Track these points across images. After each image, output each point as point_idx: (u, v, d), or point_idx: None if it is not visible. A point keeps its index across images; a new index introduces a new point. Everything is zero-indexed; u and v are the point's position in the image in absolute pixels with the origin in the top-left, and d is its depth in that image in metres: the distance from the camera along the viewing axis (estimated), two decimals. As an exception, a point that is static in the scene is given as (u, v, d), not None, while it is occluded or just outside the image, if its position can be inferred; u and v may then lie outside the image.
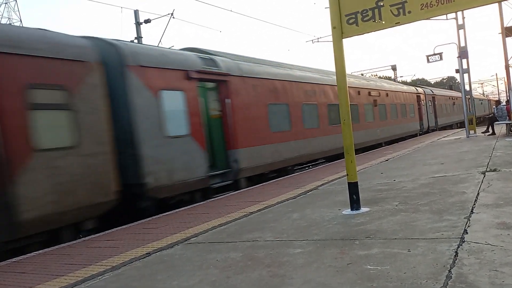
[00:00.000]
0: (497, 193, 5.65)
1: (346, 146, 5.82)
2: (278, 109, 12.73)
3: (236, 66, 11.43)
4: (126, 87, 8.28)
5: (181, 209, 8.26)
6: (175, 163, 8.96)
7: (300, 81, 14.13)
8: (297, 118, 13.61)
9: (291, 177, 11.82)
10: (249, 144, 11.29)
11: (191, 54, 10.29)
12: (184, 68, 9.56)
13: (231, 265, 4.06)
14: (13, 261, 5.56)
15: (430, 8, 5.06)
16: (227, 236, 5.33)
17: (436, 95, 33.55)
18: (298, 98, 13.83)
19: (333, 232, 4.80)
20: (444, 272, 3.09)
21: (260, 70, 12.47)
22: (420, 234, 4.19)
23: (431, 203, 5.57)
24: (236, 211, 6.95)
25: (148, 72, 8.70)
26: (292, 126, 13.34)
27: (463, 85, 18.95)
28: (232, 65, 11.27)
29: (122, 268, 4.47)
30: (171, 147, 8.95)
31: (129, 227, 7.05)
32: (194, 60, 10.04)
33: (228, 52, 12.48)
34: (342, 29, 5.68)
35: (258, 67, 12.55)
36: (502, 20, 15.24)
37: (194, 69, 9.81)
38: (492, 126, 17.96)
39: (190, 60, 9.94)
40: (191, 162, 9.39)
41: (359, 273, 3.34)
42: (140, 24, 20.72)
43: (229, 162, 10.78)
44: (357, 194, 5.77)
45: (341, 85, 5.76)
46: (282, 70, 13.61)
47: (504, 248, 3.44)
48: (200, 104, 10.06)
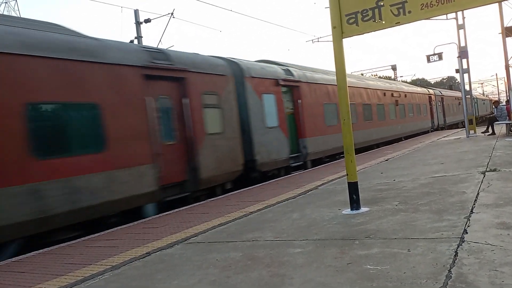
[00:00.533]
0: (497, 193, 5.65)
1: (346, 146, 5.81)
2: (330, 108, 16.12)
3: (303, 74, 14.92)
4: (244, 92, 11.77)
5: (180, 209, 8.27)
6: (271, 147, 12.43)
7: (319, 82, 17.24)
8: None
9: (290, 177, 11.83)
10: (313, 135, 14.70)
11: (277, 67, 13.84)
12: (274, 77, 13.15)
13: (231, 264, 4.06)
14: (13, 261, 5.56)
15: (430, 8, 5.06)
16: (227, 235, 5.33)
17: (444, 96, 35.96)
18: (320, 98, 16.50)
19: (333, 232, 4.80)
20: (444, 272, 3.08)
21: (318, 77, 15.88)
22: (420, 234, 4.19)
23: (431, 203, 5.57)
24: (236, 211, 6.95)
25: (255, 81, 12.23)
26: (338, 121, 15.20)
27: (463, 85, 18.95)
28: (300, 73, 14.74)
29: (122, 267, 4.47)
30: (269, 135, 12.40)
31: (129, 226, 7.05)
32: (280, 72, 13.66)
33: (294, 64, 15.87)
34: (342, 29, 5.68)
35: (316, 75, 16.00)
36: (502, 20, 15.25)
37: (281, 78, 13.42)
38: (492, 126, 17.97)
39: (278, 71, 13.57)
40: (280, 147, 12.91)
41: (359, 273, 3.34)
42: (140, 24, 20.74)
43: (300, 148, 14.17)
44: (357, 194, 5.77)
45: (341, 85, 5.76)
46: (331, 76, 16.23)
47: (504, 248, 3.44)
48: (283, 104, 13.48)
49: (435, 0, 5.02)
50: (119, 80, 8.12)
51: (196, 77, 9.91)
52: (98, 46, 8.00)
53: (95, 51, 7.82)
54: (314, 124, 14.81)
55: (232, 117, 11.03)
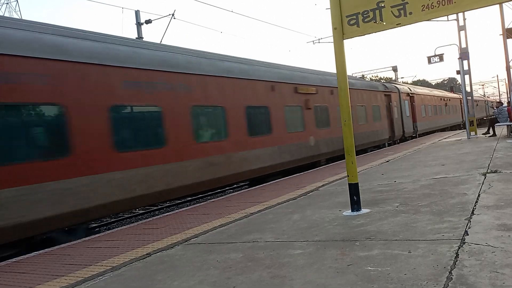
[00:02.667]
0: (498, 195, 5.65)
1: (346, 147, 5.81)
2: (424, 107, 30.17)
3: (414, 89, 29.20)
4: (400, 100, 24.66)
5: (181, 210, 8.27)
6: (408, 126, 25.74)
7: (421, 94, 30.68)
8: (426, 111, 30.83)
9: (291, 178, 11.82)
10: (420, 120, 28.55)
11: (406, 86, 28.94)
12: (406, 92, 26.35)
13: (232, 266, 4.06)
14: (13, 261, 5.56)
15: (431, 9, 5.06)
16: (228, 236, 5.32)
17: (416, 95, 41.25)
18: (422, 102, 30.05)
19: (333, 233, 4.79)
20: (444, 274, 3.08)
21: (419, 90, 30.67)
22: (420, 235, 4.19)
23: (431, 204, 5.57)
24: (237, 212, 6.95)
25: (403, 95, 25.36)
26: (433, 113, 32.56)
27: (463, 86, 18.94)
28: (390, 86, 24.32)
29: (122, 268, 4.47)
30: (407, 120, 25.71)
31: (130, 227, 7.05)
32: (407, 89, 27.10)
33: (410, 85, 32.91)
34: (343, 30, 5.68)
35: (418, 89, 31.21)
36: (503, 22, 15.25)
37: (407, 92, 26.74)
38: (493, 127, 17.95)
39: (405, 88, 26.88)
40: (410, 126, 26.24)
41: (359, 274, 3.34)
42: (141, 25, 20.74)
43: (414, 127, 27.19)
44: (358, 195, 5.77)
45: (342, 86, 5.76)
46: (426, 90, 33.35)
47: (505, 250, 3.43)
48: (410, 105, 26.94)
49: (436, 2, 5.02)
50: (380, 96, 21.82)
51: (392, 93, 23.61)
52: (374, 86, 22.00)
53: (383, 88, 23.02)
54: (419, 116, 28.49)
55: (399, 111, 24.25)
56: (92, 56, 7.82)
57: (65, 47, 7.47)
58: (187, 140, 9.53)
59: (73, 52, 7.55)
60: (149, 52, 9.19)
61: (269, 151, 12.39)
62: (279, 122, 13.05)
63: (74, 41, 7.76)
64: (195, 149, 9.71)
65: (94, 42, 8.14)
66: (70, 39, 7.70)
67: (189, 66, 9.96)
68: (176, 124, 9.27)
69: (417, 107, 28.01)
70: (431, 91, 35.68)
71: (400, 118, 24.56)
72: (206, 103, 10.29)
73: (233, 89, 11.30)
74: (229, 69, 11.40)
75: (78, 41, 7.83)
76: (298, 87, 14.33)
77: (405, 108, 25.54)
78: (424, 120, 29.61)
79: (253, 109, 11.90)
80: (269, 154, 12.38)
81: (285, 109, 13.41)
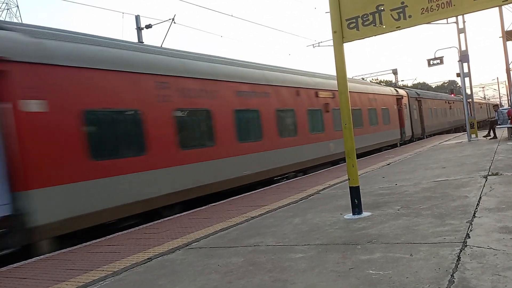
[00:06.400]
0: (499, 197, 5.64)
1: (347, 150, 5.81)
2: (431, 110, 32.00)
3: (422, 94, 30.80)
4: (409, 103, 26.30)
5: (182, 214, 8.26)
6: (416, 126, 27.40)
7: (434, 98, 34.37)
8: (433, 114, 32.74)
9: (292, 181, 11.82)
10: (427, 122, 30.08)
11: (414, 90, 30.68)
12: (415, 96, 28.37)
13: (233, 270, 4.05)
14: (15, 267, 5.56)
15: (430, 12, 5.07)
16: (229, 241, 5.32)
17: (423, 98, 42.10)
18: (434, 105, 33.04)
19: (335, 236, 4.78)
20: (446, 277, 3.07)
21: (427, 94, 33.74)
22: (422, 238, 4.18)
23: (433, 207, 5.56)
24: (238, 216, 6.94)
25: (409, 99, 26.53)
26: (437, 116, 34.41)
27: (464, 89, 18.96)
28: (400, 91, 25.75)
29: (124, 273, 4.46)
30: (417, 121, 27.67)
31: (130, 232, 7.04)
32: (415, 93, 29.17)
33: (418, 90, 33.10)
34: (342, 34, 5.70)
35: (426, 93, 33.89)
36: (503, 24, 15.29)
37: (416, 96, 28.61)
38: (494, 130, 17.94)
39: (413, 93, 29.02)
40: (418, 126, 28.00)
41: (361, 277, 3.33)
42: (141, 29, 20.79)
43: (423, 127, 29.12)
44: (359, 198, 5.76)
45: (342, 90, 5.76)
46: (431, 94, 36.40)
47: (507, 252, 3.42)
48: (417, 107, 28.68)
49: (435, 5, 5.03)
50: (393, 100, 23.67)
51: (403, 97, 25.28)
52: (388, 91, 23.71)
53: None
54: (427, 118, 30.26)
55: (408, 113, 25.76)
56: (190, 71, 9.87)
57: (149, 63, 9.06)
58: (232, 140, 11.01)
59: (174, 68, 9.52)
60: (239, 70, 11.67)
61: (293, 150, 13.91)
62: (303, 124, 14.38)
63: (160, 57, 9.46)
64: (237, 148, 11.17)
65: (173, 58, 9.80)
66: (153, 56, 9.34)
67: (270, 78, 12.89)
68: (223, 125, 10.70)
69: (425, 110, 30.07)
70: (437, 95, 38.97)
71: (410, 120, 26.31)
72: (246, 107, 11.76)
73: (267, 94, 12.97)
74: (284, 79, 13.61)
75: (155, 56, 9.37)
76: (318, 92, 15.58)
77: (413, 111, 27.35)
78: (431, 122, 31.91)
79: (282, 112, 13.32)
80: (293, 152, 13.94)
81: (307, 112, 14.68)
